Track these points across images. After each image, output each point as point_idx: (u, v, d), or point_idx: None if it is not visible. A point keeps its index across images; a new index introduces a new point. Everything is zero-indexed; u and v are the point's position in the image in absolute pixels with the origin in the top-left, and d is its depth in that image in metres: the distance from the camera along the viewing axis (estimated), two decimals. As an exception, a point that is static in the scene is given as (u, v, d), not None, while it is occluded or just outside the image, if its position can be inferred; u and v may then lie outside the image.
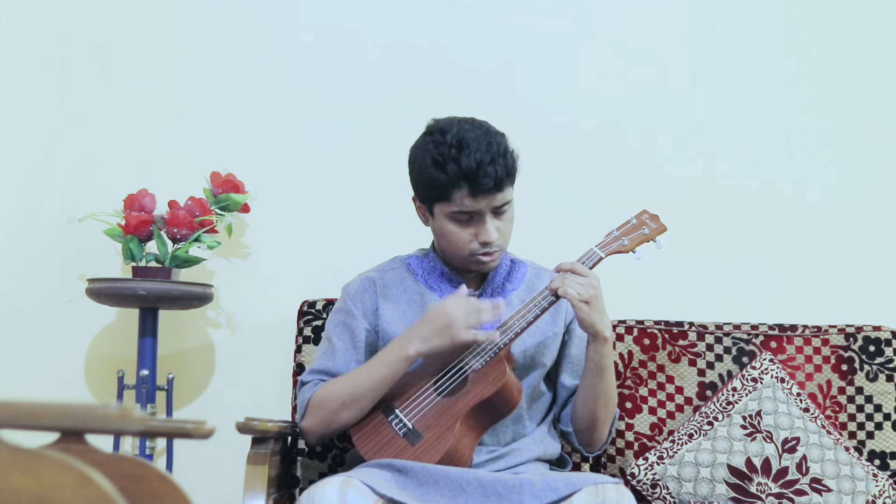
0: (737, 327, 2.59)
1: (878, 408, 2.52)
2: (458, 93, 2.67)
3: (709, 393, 2.53)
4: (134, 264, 2.59)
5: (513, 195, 2.17)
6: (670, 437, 2.45)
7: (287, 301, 2.62)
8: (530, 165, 2.48)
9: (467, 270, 2.23)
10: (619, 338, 2.54)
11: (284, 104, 2.80)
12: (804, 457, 2.37)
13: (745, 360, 2.54)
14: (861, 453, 2.49)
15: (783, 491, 2.34)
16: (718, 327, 2.58)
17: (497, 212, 2.14)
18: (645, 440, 2.50)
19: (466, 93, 2.66)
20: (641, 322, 2.57)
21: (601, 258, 2.17)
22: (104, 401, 2.67)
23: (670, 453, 2.42)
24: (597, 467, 2.50)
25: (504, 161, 2.10)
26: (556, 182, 2.79)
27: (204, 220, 2.60)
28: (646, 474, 2.41)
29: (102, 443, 1.36)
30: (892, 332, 2.57)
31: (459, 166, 2.06)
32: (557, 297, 2.10)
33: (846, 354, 2.56)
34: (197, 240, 2.60)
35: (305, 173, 2.78)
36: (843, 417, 2.52)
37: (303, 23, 2.83)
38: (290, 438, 2.38)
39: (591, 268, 2.15)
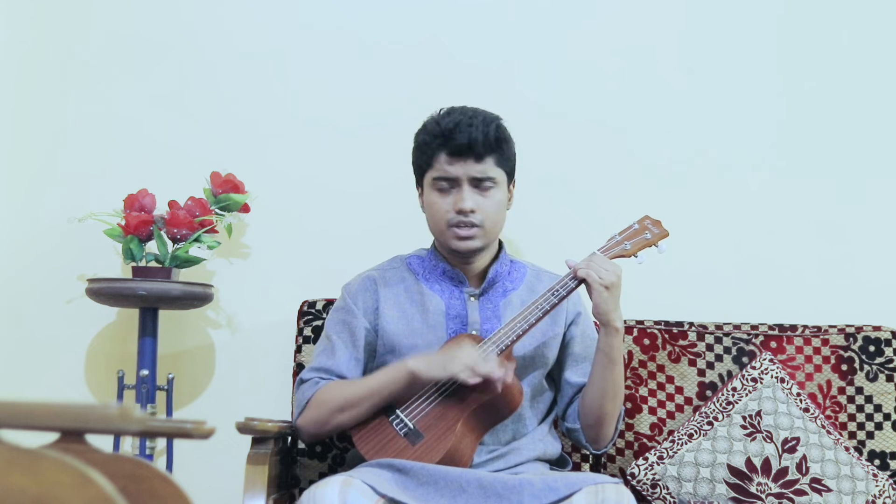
0: (737, 327, 2.59)
1: (878, 408, 2.52)
2: (459, 91, 2.66)
3: (709, 393, 2.52)
4: (134, 264, 2.59)
5: (500, 179, 2.19)
6: (670, 437, 2.45)
7: (287, 301, 2.62)
8: (531, 163, 2.48)
9: (453, 254, 2.22)
10: (619, 338, 2.54)
11: (285, 104, 2.80)
12: (804, 457, 2.37)
13: (745, 360, 2.54)
14: (861, 453, 2.49)
15: (783, 491, 2.34)
16: (718, 327, 2.58)
17: (478, 185, 2.17)
18: (645, 440, 2.50)
19: (466, 91, 2.65)
20: (641, 322, 2.57)
21: None
22: (104, 401, 2.67)
23: (670, 453, 2.41)
24: (597, 467, 2.50)
25: (485, 129, 2.16)
26: (557, 180, 2.78)
27: (204, 220, 2.60)
28: (646, 474, 2.41)
29: (102, 443, 1.36)
30: (892, 332, 2.57)
31: (439, 125, 2.17)
32: (578, 279, 2.12)
33: (846, 354, 2.56)
34: (197, 240, 2.60)
35: (305, 173, 2.78)
36: (843, 417, 2.52)
37: (303, 22, 2.83)
38: (290, 438, 2.38)
39: None
